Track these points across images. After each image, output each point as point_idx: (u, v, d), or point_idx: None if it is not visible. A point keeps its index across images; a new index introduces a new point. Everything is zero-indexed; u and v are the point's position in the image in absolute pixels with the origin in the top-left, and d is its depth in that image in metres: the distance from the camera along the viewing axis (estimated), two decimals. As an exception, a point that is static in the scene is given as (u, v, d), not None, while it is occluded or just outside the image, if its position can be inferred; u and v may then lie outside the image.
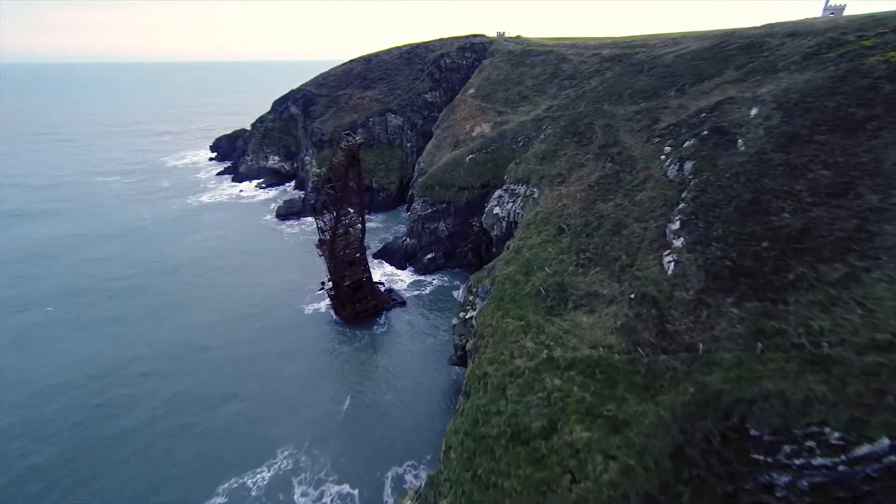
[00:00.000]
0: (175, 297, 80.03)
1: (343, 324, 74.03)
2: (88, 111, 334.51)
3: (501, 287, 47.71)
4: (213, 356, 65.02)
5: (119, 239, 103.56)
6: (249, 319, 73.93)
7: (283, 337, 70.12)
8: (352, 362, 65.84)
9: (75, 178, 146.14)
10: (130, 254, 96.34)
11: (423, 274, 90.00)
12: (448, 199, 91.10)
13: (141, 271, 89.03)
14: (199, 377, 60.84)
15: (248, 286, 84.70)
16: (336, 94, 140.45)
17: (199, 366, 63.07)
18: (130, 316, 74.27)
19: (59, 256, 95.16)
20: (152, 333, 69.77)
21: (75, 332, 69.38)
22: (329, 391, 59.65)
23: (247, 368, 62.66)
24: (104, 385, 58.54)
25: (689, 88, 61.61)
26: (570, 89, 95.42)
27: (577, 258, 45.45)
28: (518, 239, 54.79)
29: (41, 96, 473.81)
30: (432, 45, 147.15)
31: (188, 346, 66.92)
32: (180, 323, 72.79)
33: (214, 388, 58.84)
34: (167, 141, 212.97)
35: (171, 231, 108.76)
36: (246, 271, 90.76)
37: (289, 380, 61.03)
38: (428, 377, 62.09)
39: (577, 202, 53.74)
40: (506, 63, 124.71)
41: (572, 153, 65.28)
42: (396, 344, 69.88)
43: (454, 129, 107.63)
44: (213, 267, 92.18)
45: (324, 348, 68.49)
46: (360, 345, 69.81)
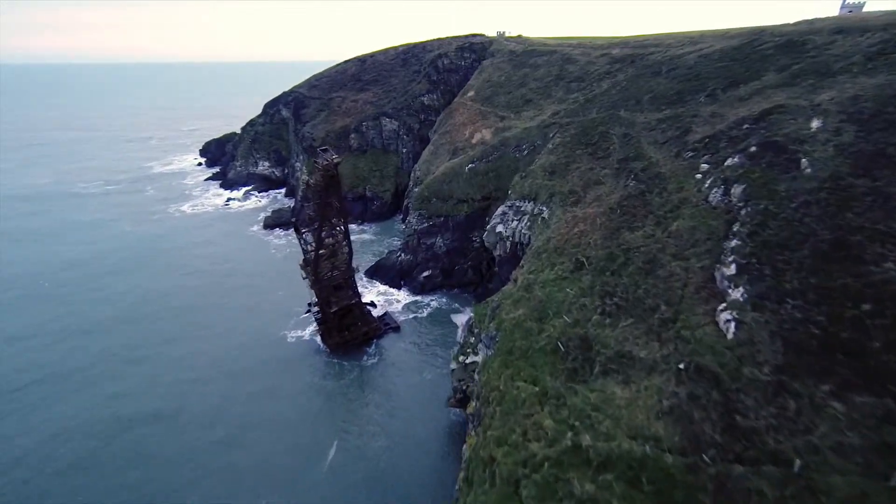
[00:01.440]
0: (139, 325, 70.85)
1: (330, 353, 65.29)
2: (74, 114, 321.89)
3: (510, 336, 38.89)
4: (176, 397, 56.13)
5: (88, 258, 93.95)
6: (223, 350, 64.82)
7: (261, 371, 61.19)
8: (339, 400, 57.16)
9: (54, 187, 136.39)
10: (98, 275, 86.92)
11: (420, 294, 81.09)
12: (446, 213, 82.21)
13: (104, 297, 79.54)
14: (157, 421, 52.06)
15: (225, 309, 75.59)
16: (329, 96, 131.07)
17: (158, 406, 54.28)
18: (86, 351, 65.27)
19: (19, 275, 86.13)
20: (101, 368, 60.98)
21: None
22: (312, 436, 51.04)
23: (215, 411, 53.89)
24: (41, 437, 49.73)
25: (722, 94, 52.63)
26: (579, 92, 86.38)
27: (603, 303, 36.61)
28: (527, 271, 45.90)
29: (27, 98, 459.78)
30: (429, 45, 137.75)
31: (145, 386, 58.10)
32: (137, 355, 63.80)
33: (173, 437, 50.20)
34: (155, 146, 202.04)
35: (147, 247, 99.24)
36: (225, 291, 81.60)
37: (265, 423, 52.36)
38: (424, 419, 53.44)
39: (596, 228, 44.86)
40: (507, 64, 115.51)
41: (586, 167, 56.36)
42: (389, 378, 61.12)
43: (452, 134, 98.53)
44: (188, 286, 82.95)
45: (307, 384, 59.67)
46: (348, 379, 61.03)
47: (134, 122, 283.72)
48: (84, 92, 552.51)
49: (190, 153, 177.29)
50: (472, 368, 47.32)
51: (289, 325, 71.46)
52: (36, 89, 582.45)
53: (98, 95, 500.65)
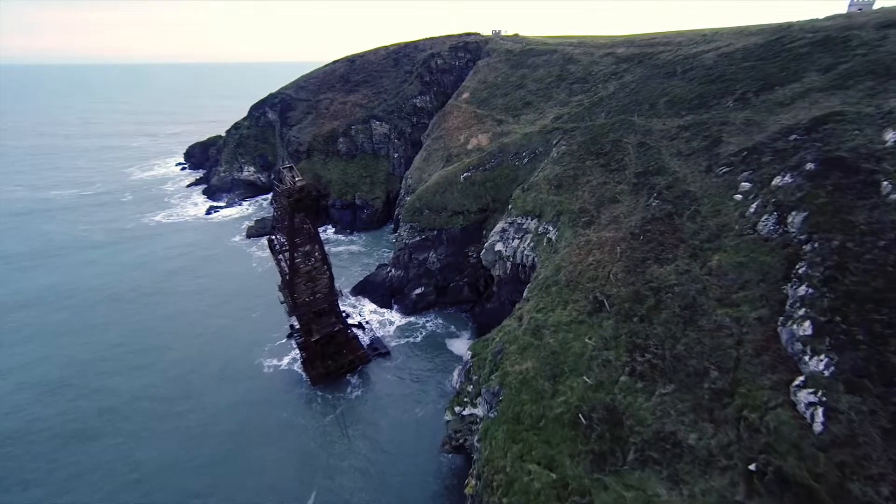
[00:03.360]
0: (96, 348, 62.80)
1: (312, 385, 57.51)
2: (50, 118, 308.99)
3: (516, 397, 31.34)
4: (130, 437, 48.62)
5: (51, 269, 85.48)
6: (190, 382, 56.83)
7: (233, 408, 53.15)
8: (319, 441, 49.42)
9: (26, 193, 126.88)
10: (61, 286, 78.66)
11: (412, 314, 73.25)
12: (439, 226, 74.33)
13: (65, 307, 71.49)
14: (107, 471, 44.43)
15: (196, 330, 67.27)
16: (316, 98, 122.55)
17: (109, 453, 46.55)
18: (32, 372, 57.35)
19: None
20: (47, 399, 53.23)
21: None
22: (287, 487, 43.60)
23: (175, 453, 46.42)
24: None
25: (755, 98, 45.21)
26: (583, 95, 78.83)
27: (632, 360, 29.15)
28: (534, 308, 38.33)
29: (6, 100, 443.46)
30: (422, 45, 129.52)
31: (98, 423, 50.42)
32: (91, 385, 55.99)
33: (128, 479, 43.32)
34: (136, 148, 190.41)
35: (118, 258, 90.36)
36: (199, 309, 73.18)
37: (236, 469, 44.96)
38: (415, 465, 45.86)
39: (616, 258, 37.38)
40: (504, 64, 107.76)
41: (599, 181, 48.85)
42: (377, 415, 53.34)
43: (446, 139, 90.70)
44: (158, 302, 74.68)
45: (284, 423, 51.78)
46: (331, 417, 53.19)
47: (112, 124, 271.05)
48: (66, 92, 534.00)
49: (173, 157, 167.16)
50: (471, 421, 39.85)
51: (265, 352, 63.47)
52: (13, 91, 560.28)
53: (80, 96, 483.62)
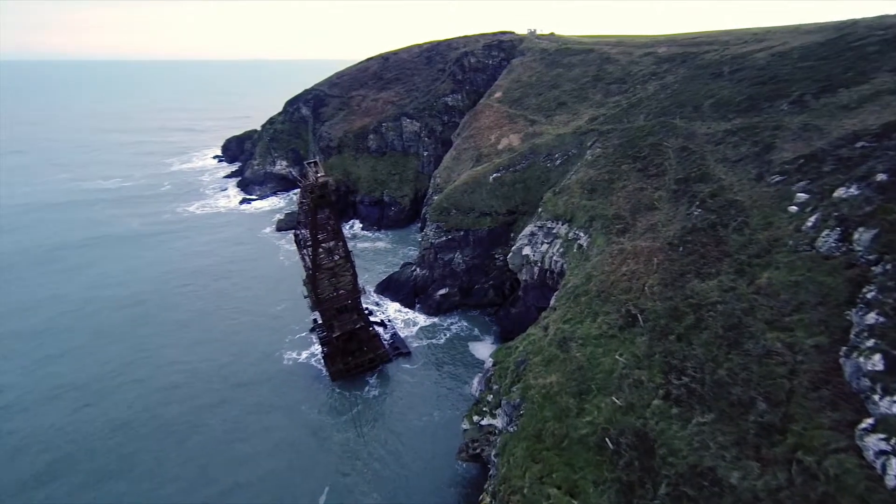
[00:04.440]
0: (118, 334, 64.31)
1: (331, 381, 57.00)
2: (96, 111, 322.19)
3: (539, 413, 29.34)
4: (152, 413, 49.70)
5: (89, 257, 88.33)
6: (210, 373, 57.25)
7: (251, 400, 53.27)
8: (335, 439, 48.72)
9: (73, 183, 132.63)
10: (94, 275, 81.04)
11: (436, 314, 71.76)
12: (466, 227, 72.55)
13: (92, 299, 73.15)
14: (120, 459, 44.85)
15: (221, 321, 68.07)
16: (349, 95, 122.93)
17: (123, 441, 47.07)
18: (57, 358, 58.98)
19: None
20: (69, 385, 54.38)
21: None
22: (300, 481, 43.06)
23: (191, 446, 46.54)
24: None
25: (814, 100, 41.29)
26: (620, 95, 75.30)
27: (667, 383, 26.66)
28: (561, 318, 36.13)
29: (55, 94, 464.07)
30: (455, 43, 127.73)
31: (124, 393, 52.28)
32: (115, 365, 57.38)
33: (146, 455, 44.31)
34: (176, 142, 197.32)
35: (151, 248, 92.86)
36: (225, 299, 74.10)
37: (250, 461, 44.73)
38: (429, 470, 44.48)
39: (652, 270, 34.71)
40: (538, 63, 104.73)
41: (635, 186, 45.96)
42: (394, 416, 52.24)
43: (477, 139, 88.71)
44: (186, 292, 75.95)
45: (299, 417, 51.35)
46: (348, 415, 52.40)
47: (156, 118, 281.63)
48: (106, 88, 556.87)
49: (211, 150, 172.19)
50: (489, 431, 38.08)
51: (286, 345, 63.52)
52: (54, 85, 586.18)
53: (121, 91, 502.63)
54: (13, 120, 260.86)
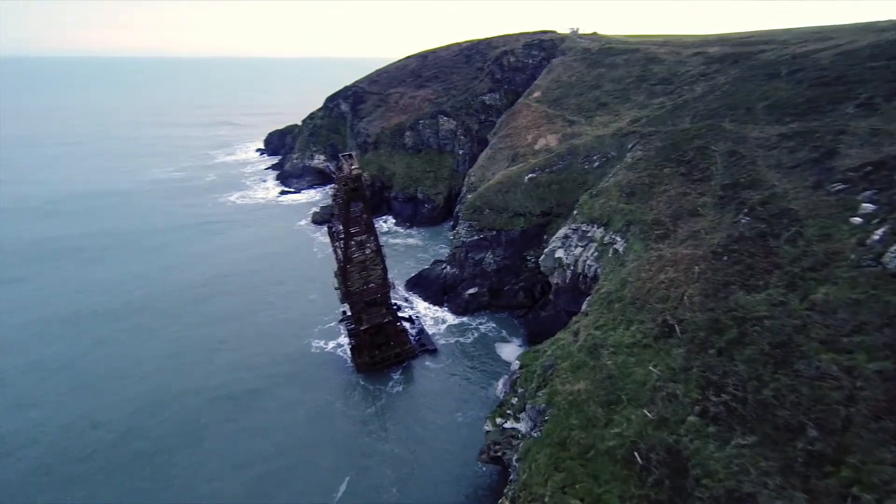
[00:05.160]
0: (160, 319, 66.81)
1: (356, 373, 57.50)
2: (138, 104, 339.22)
3: (564, 420, 28.23)
4: (179, 396, 51.38)
5: (131, 244, 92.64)
6: (239, 354, 59.07)
7: (279, 384, 54.36)
8: (356, 431, 48.93)
9: (126, 174, 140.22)
10: (135, 261, 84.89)
11: (464, 314, 71.05)
12: (499, 226, 71.48)
13: (137, 283, 76.53)
14: (152, 432, 46.82)
15: (252, 307, 70.06)
16: (387, 92, 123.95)
17: (158, 415, 49.10)
18: (108, 339, 61.90)
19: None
20: (112, 365, 56.90)
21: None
22: (321, 469, 43.47)
23: (218, 417, 48.55)
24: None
25: (886, 103, 37.82)
26: (665, 97, 72.11)
27: (704, 399, 24.97)
28: (593, 324, 34.72)
29: (107, 88, 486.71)
30: (495, 42, 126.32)
31: (156, 379, 53.85)
32: (152, 350, 59.56)
33: (172, 437, 45.73)
34: (221, 135, 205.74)
35: (194, 237, 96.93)
36: (258, 287, 76.22)
37: (272, 441, 45.88)
38: (449, 470, 43.92)
39: (692, 279, 32.74)
40: (580, 63, 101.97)
41: (677, 190, 43.66)
42: (417, 413, 51.96)
43: (513, 138, 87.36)
44: (222, 277, 78.80)
45: (323, 405, 51.88)
46: (372, 408, 52.64)
47: (204, 113, 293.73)
48: (157, 84, 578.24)
49: (254, 143, 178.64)
50: (512, 435, 37.14)
51: (314, 334, 64.57)
52: (109, 80, 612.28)
53: (170, 87, 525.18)
54: (66, 113, 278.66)
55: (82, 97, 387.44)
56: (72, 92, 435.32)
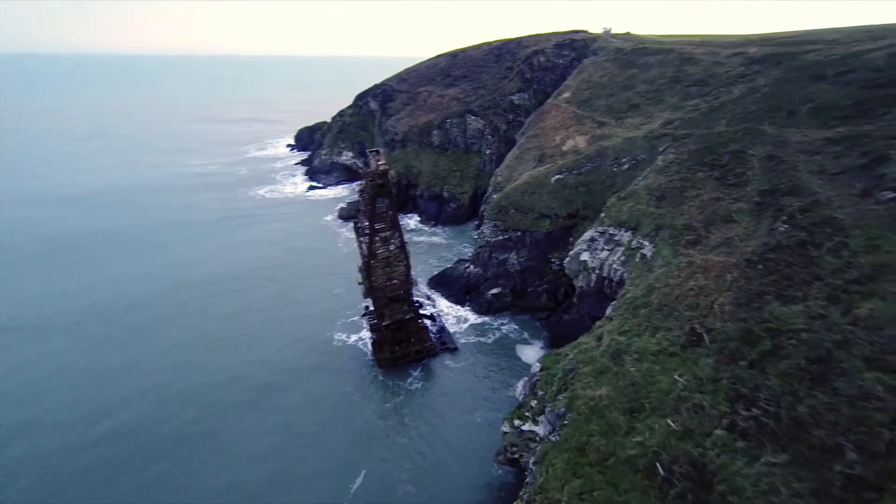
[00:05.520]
0: (187, 309, 68.89)
1: (377, 367, 57.97)
2: (167, 101, 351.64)
3: (584, 425, 27.59)
4: (201, 384, 52.83)
5: (164, 236, 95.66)
6: (262, 345, 60.45)
7: (300, 374, 55.37)
8: (374, 425, 49.23)
9: (161, 168, 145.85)
10: (167, 254, 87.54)
11: (486, 314, 70.58)
12: (524, 227, 70.69)
13: (167, 275, 78.94)
14: (173, 421, 48.08)
15: (278, 299, 71.55)
16: (416, 90, 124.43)
17: (183, 394, 50.96)
18: (140, 325, 64.24)
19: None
20: (142, 349, 59.13)
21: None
22: (339, 459, 44.07)
23: (238, 406, 49.73)
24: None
25: (943, 108, 35.43)
26: (700, 98, 69.56)
27: (733, 412, 23.90)
28: (617, 330, 33.82)
29: (132, 85, 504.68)
30: (526, 42, 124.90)
31: (179, 370, 55.43)
32: (179, 339, 61.32)
33: (191, 425, 46.99)
34: (253, 131, 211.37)
35: (222, 228, 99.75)
36: (283, 280, 77.80)
37: (291, 435, 46.63)
38: (465, 469, 43.70)
39: (724, 287, 31.42)
40: (611, 63, 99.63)
41: (711, 195, 42.02)
42: (435, 410, 51.90)
43: (541, 139, 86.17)
44: (249, 270, 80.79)
45: (342, 398, 52.47)
46: (390, 405, 52.79)
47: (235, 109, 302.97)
48: (195, 81, 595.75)
49: (284, 139, 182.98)
50: (529, 438, 36.63)
51: (337, 327, 65.41)
52: (129, 78, 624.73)
53: (209, 84, 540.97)
54: (101, 109, 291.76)
55: (112, 94, 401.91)
56: (101, 89, 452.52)
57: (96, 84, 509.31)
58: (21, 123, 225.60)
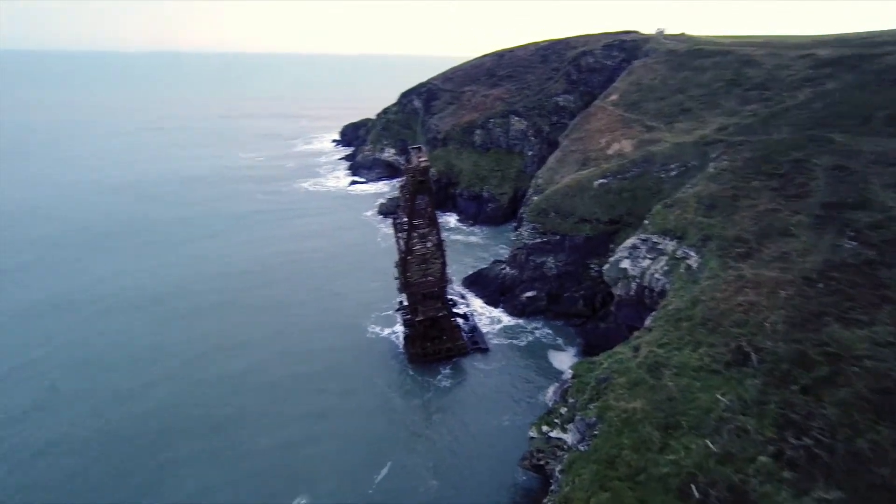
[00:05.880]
0: (228, 295, 71.57)
1: (408, 362, 58.49)
2: (217, 96, 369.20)
3: (615, 437, 26.59)
4: (239, 369, 54.86)
5: (211, 227, 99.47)
6: (298, 333, 62.26)
7: (332, 363, 56.54)
8: (402, 419, 49.76)
9: (213, 160, 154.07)
10: (213, 244, 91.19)
11: (520, 316, 69.52)
12: (563, 231, 69.09)
13: (211, 265, 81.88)
14: (214, 394, 50.70)
15: (315, 290, 73.55)
16: (460, 89, 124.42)
17: (219, 378, 53.15)
18: (174, 311, 67.15)
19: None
20: (185, 332, 61.87)
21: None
22: (366, 449, 44.82)
23: (273, 392, 51.46)
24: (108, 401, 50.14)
25: None
26: (759, 103, 65.38)
27: (781, 439, 22.26)
28: (655, 341, 32.36)
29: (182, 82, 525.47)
30: (574, 42, 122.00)
31: (216, 352, 57.84)
32: (217, 326, 63.80)
33: (226, 408, 48.70)
34: (301, 127, 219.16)
35: (266, 220, 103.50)
36: (321, 271, 79.90)
37: (321, 422, 47.90)
38: (489, 472, 43.29)
39: (777, 304, 29.34)
40: (663, 65, 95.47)
41: (767, 206, 39.37)
42: (462, 410, 51.68)
43: (585, 142, 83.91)
44: (288, 258, 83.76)
45: (373, 391, 53.22)
46: (418, 400, 53.14)
47: (285, 105, 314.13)
48: (260, 78, 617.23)
49: (330, 134, 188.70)
50: (557, 445, 35.80)
51: (371, 319, 66.49)
52: (181, 75, 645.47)
53: (270, 81, 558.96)
54: (154, 103, 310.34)
55: (158, 90, 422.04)
56: (141, 85, 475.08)
57: (134, 81, 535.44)
58: (81, 117, 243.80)
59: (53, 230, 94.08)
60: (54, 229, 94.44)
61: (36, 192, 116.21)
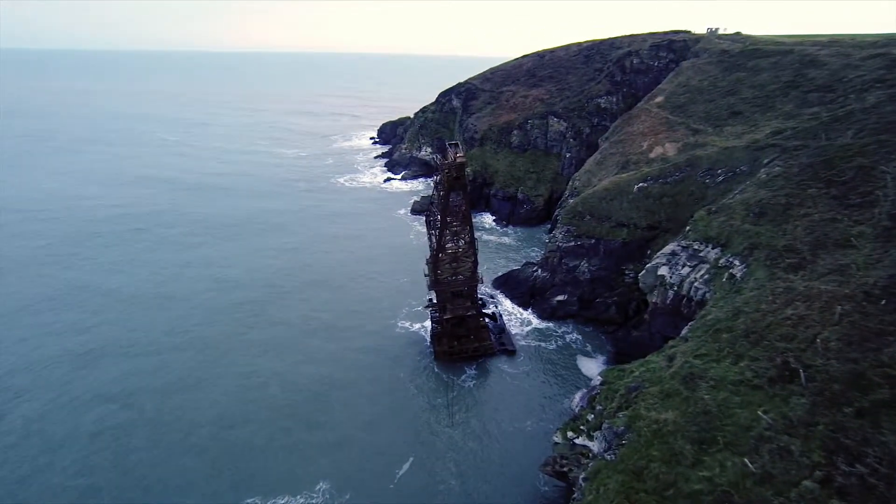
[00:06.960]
0: (261, 292, 72.65)
1: (434, 360, 58.45)
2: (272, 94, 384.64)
3: (644, 449, 25.31)
4: (273, 363, 56.34)
5: (253, 223, 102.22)
6: (329, 326, 63.70)
7: (361, 358, 57.57)
8: (426, 416, 49.76)
9: (264, 147, 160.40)
10: (256, 240, 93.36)
11: (550, 320, 68.04)
12: (599, 235, 67.17)
13: (255, 262, 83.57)
14: (244, 384, 52.28)
15: (347, 283, 75.12)
16: (499, 90, 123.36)
17: (251, 370, 54.62)
18: (201, 299, 69.76)
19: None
20: (216, 323, 63.89)
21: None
22: (389, 442, 45.24)
23: (303, 385, 52.51)
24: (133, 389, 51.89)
25: None
26: (821, 106, 60.86)
27: (830, 465, 20.43)
28: (692, 352, 30.60)
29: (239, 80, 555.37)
30: (618, 42, 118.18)
31: (248, 346, 59.62)
32: (252, 320, 65.32)
33: (259, 401, 50.15)
34: (341, 125, 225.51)
35: (305, 217, 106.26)
36: (353, 266, 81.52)
37: (347, 412, 48.81)
38: (510, 476, 42.54)
39: (831, 320, 27.05)
40: (714, 66, 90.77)
41: (823, 215, 36.50)
42: (487, 411, 51.05)
43: (626, 144, 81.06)
44: (323, 251, 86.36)
45: (398, 387, 53.48)
46: (442, 399, 52.86)
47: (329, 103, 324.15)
48: (314, 76, 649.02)
49: (368, 132, 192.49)
50: (582, 452, 34.63)
51: (401, 314, 67.05)
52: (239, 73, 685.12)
53: (325, 79, 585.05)
54: (213, 96, 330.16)
55: (214, 86, 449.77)
56: (222, 83, 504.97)
57: (181, 76, 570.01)
58: (144, 110, 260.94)
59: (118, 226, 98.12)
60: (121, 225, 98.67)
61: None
